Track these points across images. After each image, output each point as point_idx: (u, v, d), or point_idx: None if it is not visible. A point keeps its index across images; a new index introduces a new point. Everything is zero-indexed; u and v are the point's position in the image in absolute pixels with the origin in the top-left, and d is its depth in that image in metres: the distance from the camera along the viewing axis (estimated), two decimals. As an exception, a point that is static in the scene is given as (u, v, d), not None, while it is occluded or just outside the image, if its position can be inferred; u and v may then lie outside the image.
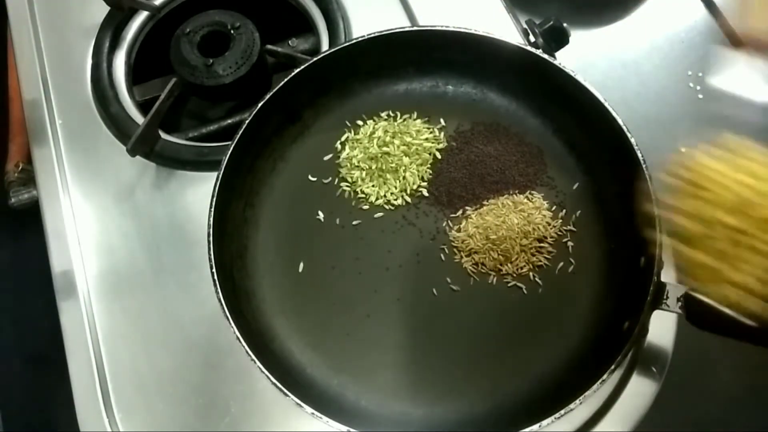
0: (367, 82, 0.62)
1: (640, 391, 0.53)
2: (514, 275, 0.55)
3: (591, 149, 0.57)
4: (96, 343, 0.58)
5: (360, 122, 0.62)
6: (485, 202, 0.57)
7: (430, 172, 0.59)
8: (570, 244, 0.56)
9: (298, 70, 0.57)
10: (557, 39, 0.65)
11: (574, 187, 0.58)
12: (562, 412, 0.44)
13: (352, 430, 0.45)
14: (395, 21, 0.70)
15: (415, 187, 0.59)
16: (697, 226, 0.40)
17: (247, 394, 0.55)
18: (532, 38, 0.65)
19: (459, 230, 0.57)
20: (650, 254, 0.48)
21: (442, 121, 0.61)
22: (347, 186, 0.59)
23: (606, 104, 0.53)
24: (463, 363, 0.52)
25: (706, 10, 0.70)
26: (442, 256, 0.56)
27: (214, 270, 0.50)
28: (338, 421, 0.45)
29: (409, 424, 0.51)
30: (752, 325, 0.40)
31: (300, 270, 0.56)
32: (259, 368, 0.47)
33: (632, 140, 0.51)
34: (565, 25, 0.64)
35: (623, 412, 0.52)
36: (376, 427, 0.49)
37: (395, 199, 0.58)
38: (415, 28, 0.60)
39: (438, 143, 0.60)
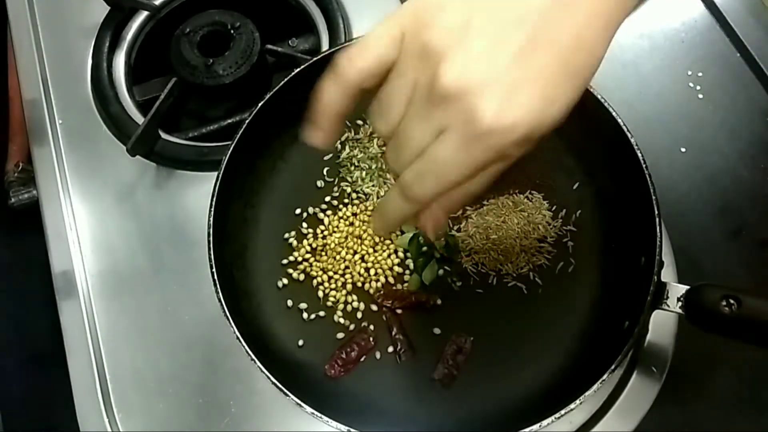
0: (367, 82, 0.62)
1: (640, 391, 0.53)
2: (514, 275, 0.55)
3: (591, 149, 0.57)
4: (96, 343, 0.58)
5: (360, 122, 0.62)
6: (485, 202, 0.57)
7: (430, 172, 0.59)
8: (570, 244, 0.56)
9: (298, 70, 0.57)
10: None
11: (574, 187, 0.58)
12: (562, 412, 0.44)
13: (352, 430, 0.45)
14: (395, 21, 0.70)
15: (415, 187, 0.59)
16: None
17: (247, 394, 0.55)
18: (532, 38, 0.65)
19: (459, 230, 0.57)
20: (650, 254, 0.48)
21: (442, 121, 0.61)
22: (347, 186, 0.59)
23: (606, 104, 0.53)
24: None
25: (706, 10, 0.70)
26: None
27: (214, 270, 0.50)
28: (338, 421, 0.45)
29: (409, 424, 0.51)
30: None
31: (301, 270, 0.56)
32: (259, 368, 0.47)
33: (632, 140, 0.51)
34: (565, 25, 0.64)
35: (623, 412, 0.52)
36: (376, 427, 0.49)
37: (395, 199, 0.58)
38: (415, 28, 0.60)
39: (438, 143, 0.60)
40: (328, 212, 0.58)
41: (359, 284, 0.56)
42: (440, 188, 0.33)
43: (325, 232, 0.58)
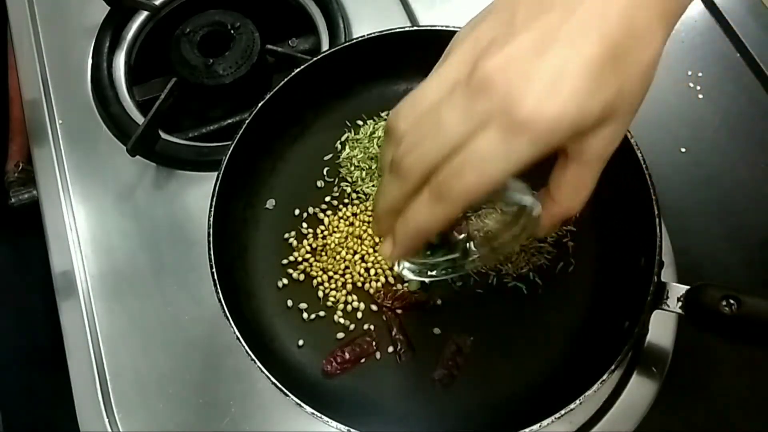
0: (367, 82, 0.62)
1: (640, 391, 0.53)
2: (514, 275, 0.55)
3: (591, 149, 0.57)
4: (96, 343, 0.58)
5: (360, 122, 0.62)
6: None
7: (430, 172, 0.59)
8: (570, 244, 0.56)
9: (298, 70, 0.57)
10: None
11: (574, 187, 0.58)
12: (562, 412, 0.44)
13: (352, 430, 0.45)
14: (395, 21, 0.70)
15: (415, 187, 0.59)
16: None
17: (247, 394, 0.55)
18: (532, 38, 0.65)
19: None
20: (650, 254, 0.48)
21: (442, 121, 0.61)
22: (347, 186, 0.59)
23: (606, 104, 0.53)
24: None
25: (706, 10, 0.70)
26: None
27: (214, 270, 0.50)
28: (338, 421, 0.45)
29: (409, 424, 0.50)
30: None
31: (301, 270, 0.56)
32: (259, 368, 0.47)
33: (632, 140, 0.51)
34: (565, 25, 0.64)
35: (623, 412, 0.52)
36: (376, 427, 0.49)
37: (395, 199, 0.58)
38: (415, 28, 0.60)
39: (438, 143, 0.60)
40: (328, 212, 0.58)
41: (359, 284, 0.56)
42: (481, 185, 0.31)
43: (325, 232, 0.58)
